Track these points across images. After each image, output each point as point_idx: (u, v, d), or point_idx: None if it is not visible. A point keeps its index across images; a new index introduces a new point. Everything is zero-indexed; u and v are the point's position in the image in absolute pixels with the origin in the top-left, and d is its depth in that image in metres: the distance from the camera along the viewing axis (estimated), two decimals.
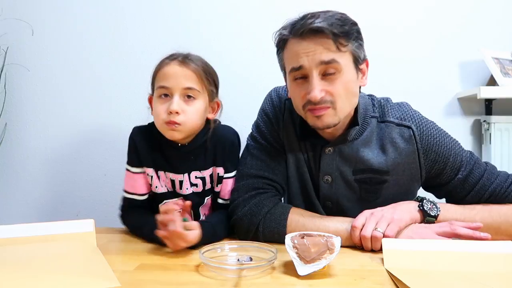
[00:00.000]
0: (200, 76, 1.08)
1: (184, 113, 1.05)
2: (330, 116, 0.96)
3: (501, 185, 1.01)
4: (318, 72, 0.94)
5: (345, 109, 0.98)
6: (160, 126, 1.08)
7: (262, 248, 0.88)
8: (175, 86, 1.05)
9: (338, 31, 0.92)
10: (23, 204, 1.69)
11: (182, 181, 1.12)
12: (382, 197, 1.05)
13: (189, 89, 1.06)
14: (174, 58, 1.09)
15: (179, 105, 1.04)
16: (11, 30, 1.66)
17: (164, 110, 1.05)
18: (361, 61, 0.98)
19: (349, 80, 0.96)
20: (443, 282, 0.73)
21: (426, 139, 1.02)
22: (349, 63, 0.96)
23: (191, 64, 1.08)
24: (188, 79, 1.06)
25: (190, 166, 1.12)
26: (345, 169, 1.05)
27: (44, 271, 0.78)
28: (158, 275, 0.79)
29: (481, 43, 1.58)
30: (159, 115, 1.06)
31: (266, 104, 1.13)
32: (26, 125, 1.68)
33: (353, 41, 0.95)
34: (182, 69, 1.07)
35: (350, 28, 0.94)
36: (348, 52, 0.95)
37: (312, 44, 0.93)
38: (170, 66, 1.07)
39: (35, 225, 0.96)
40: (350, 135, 1.03)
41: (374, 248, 0.91)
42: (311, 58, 0.93)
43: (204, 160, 1.13)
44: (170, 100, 1.05)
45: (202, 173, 1.13)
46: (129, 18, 1.65)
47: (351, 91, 0.97)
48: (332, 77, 0.94)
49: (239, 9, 1.63)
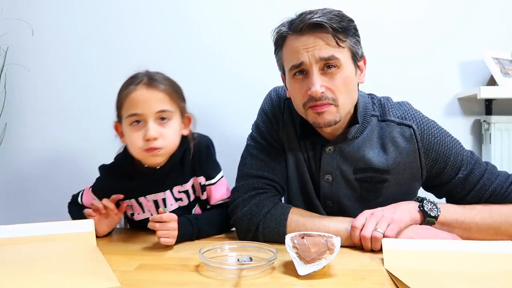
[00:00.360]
0: (170, 96, 1.04)
1: (162, 137, 1.02)
2: (332, 113, 0.96)
3: (502, 185, 1.01)
4: (318, 67, 0.94)
5: (346, 105, 0.98)
6: (139, 154, 1.04)
7: (262, 248, 0.88)
8: (147, 111, 1.00)
9: (337, 26, 0.93)
10: (23, 204, 1.69)
11: (165, 198, 1.11)
12: (383, 196, 1.05)
13: (162, 112, 1.02)
14: (139, 82, 1.03)
15: (155, 130, 1.00)
16: (11, 30, 1.66)
17: (140, 138, 1.01)
18: (359, 58, 1.00)
19: (348, 75, 0.96)
20: (443, 282, 0.73)
21: (427, 138, 1.02)
22: (348, 59, 0.97)
23: (159, 86, 1.03)
24: (159, 102, 1.02)
25: (171, 183, 1.11)
26: (346, 168, 1.05)
27: (44, 271, 0.78)
28: (158, 275, 0.79)
29: (481, 43, 1.57)
30: (135, 144, 1.02)
31: (265, 104, 1.13)
32: (26, 125, 1.68)
33: (351, 37, 0.96)
34: (151, 93, 1.02)
35: (348, 24, 0.96)
36: (347, 48, 0.96)
37: (312, 39, 0.94)
38: (138, 91, 1.02)
39: (35, 225, 0.96)
40: (351, 133, 1.03)
41: (374, 248, 0.91)
42: (311, 53, 0.94)
43: (183, 174, 1.11)
44: (144, 126, 1.01)
45: (184, 187, 1.12)
46: (129, 18, 1.65)
47: (351, 87, 0.98)
48: (332, 73, 0.95)
49: (238, 10, 1.63)
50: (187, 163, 1.11)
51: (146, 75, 1.05)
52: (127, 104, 1.03)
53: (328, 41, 0.93)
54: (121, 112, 1.05)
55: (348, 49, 0.97)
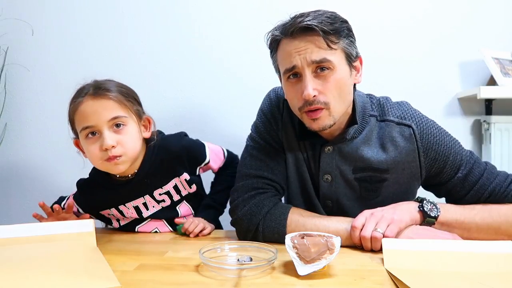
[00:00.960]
0: (120, 102, 1.02)
1: (121, 144, 1.00)
2: (325, 117, 0.97)
3: (501, 184, 1.01)
4: (311, 70, 0.95)
5: (339, 108, 0.98)
6: (101, 165, 1.02)
7: (262, 248, 0.88)
8: (99, 122, 0.98)
9: (328, 28, 0.93)
10: (23, 204, 1.69)
11: (145, 202, 1.12)
12: (382, 195, 1.05)
13: (115, 119, 1.00)
14: (86, 93, 1.01)
15: (111, 138, 0.99)
16: (11, 30, 1.66)
17: (98, 149, 0.99)
18: (353, 58, 0.99)
19: (342, 77, 0.96)
20: (443, 282, 0.73)
21: (426, 138, 1.02)
22: (341, 60, 0.96)
23: (106, 94, 1.00)
24: (109, 110, 1.00)
25: (149, 188, 1.11)
26: (345, 168, 1.05)
27: (44, 271, 0.78)
28: (158, 275, 0.79)
29: (481, 43, 1.58)
30: (95, 156, 1.00)
31: (264, 104, 1.13)
32: (26, 125, 1.68)
33: (344, 38, 0.96)
34: (99, 102, 0.99)
35: (340, 26, 0.95)
36: (340, 49, 0.96)
37: (304, 42, 0.94)
38: (85, 104, 1.00)
39: (35, 225, 0.96)
40: (349, 134, 1.03)
41: (374, 248, 0.91)
42: (303, 56, 0.94)
43: (162, 177, 1.11)
44: (100, 137, 0.99)
45: (164, 189, 1.12)
46: (129, 18, 1.65)
47: (345, 88, 0.97)
48: (325, 75, 0.95)
49: (238, 11, 1.63)
50: (168, 165, 1.11)
51: (92, 85, 1.03)
52: (77, 118, 1.01)
53: (320, 44, 0.93)
54: (74, 128, 1.04)
55: (341, 50, 0.96)
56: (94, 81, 1.05)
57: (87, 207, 1.15)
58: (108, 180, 1.11)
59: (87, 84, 1.05)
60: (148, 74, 1.65)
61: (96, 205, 1.14)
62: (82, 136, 1.02)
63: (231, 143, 1.33)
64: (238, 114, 1.63)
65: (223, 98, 1.65)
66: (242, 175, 1.08)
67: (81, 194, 1.15)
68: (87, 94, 1.01)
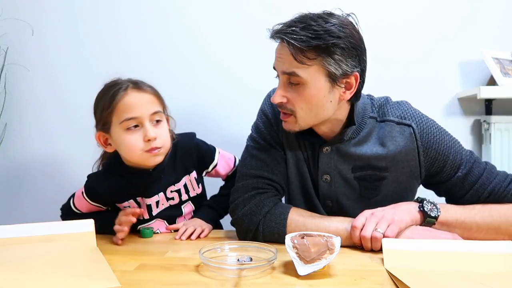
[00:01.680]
0: (158, 98, 1.07)
1: (160, 137, 1.03)
2: (291, 123, 1.00)
3: (500, 184, 1.01)
4: (284, 78, 0.96)
5: (307, 120, 0.99)
6: (139, 156, 1.03)
7: (262, 248, 0.88)
8: (144, 113, 1.02)
9: (302, 45, 0.90)
10: (23, 204, 1.69)
11: (159, 201, 1.13)
12: (382, 194, 1.05)
13: (156, 113, 1.04)
14: (127, 87, 1.04)
15: (153, 131, 1.02)
16: (11, 30, 1.66)
17: (140, 140, 1.02)
18: (338, 76, 0.94)
19: (315, 94, 0.95)
20: (443, 282, 0.73)
21: (427, 137, 1.02)
22: (317, 77, 0.93)
23: (147, 89, 1.06)
24: (151, 104, 1.04)
25: (163, 185, 1.12)
26: (344, 168, 1.05)
27: (44, 271, 0.78)
28: (158, 275, 0.79)
29: (481, 43, 1.58)
30: (135, 147, 1.02)
31: (265, 104, 1.13)
32: (26, 125, 1.68)
33: (325, 55, 0.91)
34: (143, 95, 1.04)
35: (324, 43, 0.90)
36: (317, 66, 0.92)
37: (283, 49, 0.95)
38: (130, 96, 1.02)
39: (35, 225, 0.96)
40: (347, 135, 1.03)
41: (374, 248, 0.91)
42: (279, 64, 0.97)
43: (175, 174, 1.13)
44: (141, 129, 1.02)
45: (177, 186, 1.14)
46: (129, 18, 1.65)
47: (317, 104, 0.96)
48: (295, 88, 0.96)
49: (238, 11, 1.63)
50: (179, 162, 1.13)
51: (128, 81, 1.06)
52: (120, 110, 1.02)
53: (291, 58, 0.92)
54: (110, 119, 1.04)
55: (319, 67, 0.92)
56: (127, 79, 1.07)
57: (102, 200, 1.15)
58: (128, 172, 1.10)
59: (119, 80, 1.07)
60: (148, 74, 1.62)
61: (112, 199, 1.14)
62: (121, 127, 1.02)
63: (231, 143, 1.33)
64: (238, 114, 1.62)
65: (223, 98, 1.64)
66: (243, 175, 1.08)
67: (96, 187, 1.13)
68: (129, 88, 1.03)
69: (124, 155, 1.07)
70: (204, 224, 1.13)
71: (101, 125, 1.07)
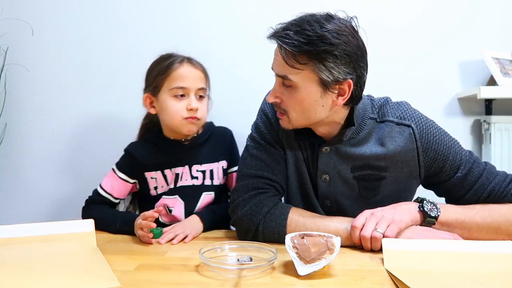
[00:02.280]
0: (206, 77, 1.19)
1: (200, 110, 1.15)
2: (285, 122, 1.02)
3: (500, 184, 1.01)
4: (279, 80, 0.98)
5: (299, 121, 1.01)
6: (179, 122, 1.14)
7: (262, 248, 0.88)
8: (192, 86, 1.14)
9: (294, 49, 0.89)
10: (23, 204, 1.69)
11: (183, 173, 1.19)
12: (381, 194, 1.05)
13: (202, 89, 1.16)
14: (182, 60, 1.16)
15: (196, 103, 1.14)
16: (11, 30, 1.66)
17: (182, 108, 1.13)
18: (330, 83, 0.93)
19: (306, 98, 0.95)
20: (443, 282, 0.73)
21: (426, 138, 1.02)
22: (308, 82, 0.93)
23: (199, 66, 1.18)
24: (200, 80, 1.16)
25: (192, 160, 1.19)
26: (343, 167, 1.05)
27: (44, 271, 0.78)
28: (158, 275, 0.79)
29: (481, 43, 1.57)
30: (177, 112, 1.13)
31: (264, 104, 1.13)
32: (26, 125, 1.68)
33: (316, 61, 0.91)
34: (195, 71, 1.16)
35: (315, 49, 0.89)
36: (308, 71, 0.92)
37: (277, 51, 0.96)
38: (184, 68, 1.15)
39: (35, 225, 0.96)
40: (346, 135, 1.03)
41: (374, 248, 0.91)
42: (275, 65, 0.98)
43: (205, 155, 1.20)
44: (186, 99, 1.14)
45: (203, 166, 1.19)
46: (129, 18, 1.65)
47: (308, 108, 0.97)
48: (288, 89, 0.97)
49: (239, 10, 1.63)
50: (212, 145, 1.21)
51: (184, 56, 1.18)
52: (173, 77, 1.14)
53: (283, 61, 0.93)
54: (161, 84, 1.14)
55: (311, 72, 0.92)
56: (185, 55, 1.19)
57: (134, 169, 1.20)
58: (164, 140, 1.20)
59: (174, 53, 1.18)
60: None
61: (144, 165, 1.19)
62: (169, 93, 1.14)
63: None
64: (237, 114, 1.62)
65: (223, 98, 1.64)
66: (243, 175, 1.08)
67: (131, 156, 1.21)
68: (184, 61, 1.16)
69: (166, 119, 1.17)
70: (191, 228, 1.08)
71: (151, 88, 1.17)
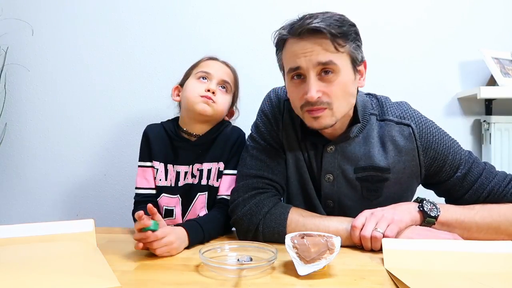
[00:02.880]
0: (234, 77, 1.25)
1: (218, 97, 1.18)
2: (328, 117, 0.97)
3: (499, 184, 1.01)
4: (315, 72, 0.94)
5: (342, 109, 0.98)
6: (194, 99, 1.16)
7: (262, 248, 0.88)
8: (215, 74, 1.19)
9: (336, 31, 0.92)
10: (23, 204, 1.69)
11: (187, 172, 1.18)
12: (384, 195, 1.05)
13: (225, 82, 1.20)
14: (215, 58, 1.25)
15: (215, 87, 1.18)
16: (11, 30, 1.66)
17: (202, 88, 1.17)
18: (359, 62, 0.99)
19: (347, 80, 0.96)
20: (443, 282, 0.73)
21: (426, 137, 1.02)
22: (346, 64, 0.96)
23: (230, 66, 1.26)
24: (226, 74, 1.22)
25: (196, 159, 1.18)
26: (347, 168, 1.05)
27: (44, 271, 0.78)
28: (158, 275, 0.79)
29: (481, 43, 1.58)
30: (195, 90, 1.17)
31: (265, 104, 1.13)
32: (26, 125, 1.68)
33: (351, 42, 0.95)
34: (223, 66, 1.24)
35: (348, 29, 0.94)
36: (346, 53, 0.95)
37: (310, 44, 0.93)
38: (213, 61, 1.24)
39: (35, 225, 0.96)
40: (352, 132, 1.03)
41: (374, 248, 0.91)
42: (309, 58, 0.93)
43: (208, 154, 1.18)
44: (208, 82, 1.19)
45: (203, 166, 1.18)
46: (129, 18, 1.65)
47: (348, 92, 0.97)
48: (329, 78, 0.94)
49: (239, 9, 1.63)
50: (218, 146, 1.19)
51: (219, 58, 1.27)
52: (200, 65, 1.23)
53: (327, 47, 0.93)
54: (190, 72, 1.24)
55: (347, 54, 0.96)
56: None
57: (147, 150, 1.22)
58: (174, 132, 1.22)
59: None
60: (149, 74, 1.65)
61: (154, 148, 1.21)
62: (195, 77, 1.21)
63: None
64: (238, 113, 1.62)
65: None
66: (243, 175, 1.08)
67: (149, 131, 1.24)
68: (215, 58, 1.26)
69: (184, 100, 1.20)
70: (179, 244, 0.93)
71: (183, 80, 1.25)
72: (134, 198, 1.21)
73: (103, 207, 1.65)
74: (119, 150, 1.65)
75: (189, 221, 1.04)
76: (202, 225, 1.01)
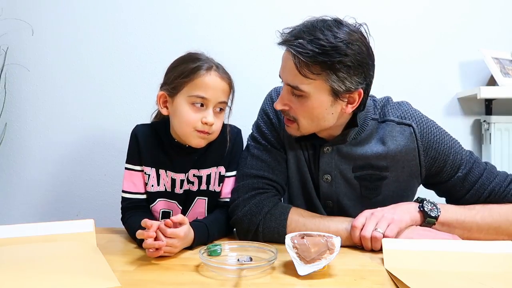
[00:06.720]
0: (231, 90, 1.10)
1: (215, 125, 1.06)
2: (294, 129, 1.01)
3: (500, 184, 1.01)
4: (288, 88, 0.96)
5: (308, 128, 1.00)
6: (189, 132, 1.05)
7: (262, 248, 0.88)
8: (213, 99, 1.04)
9: (306, 59, 0.89)
10: (23, 204, 1.69)
11: (184, 180, 1.12)
12: (383, 194, 1.05)
13: (222, 103, 1.07)
14: (211, 67, 1.06)
15: (213, 117, 1.05)
16: (11, 30, 1.66)
17: (197, 119, 1.04)
18: (341, 92, 0.93)
19: (316, 107, 0.95)
20: (443, 282, 0.73)
21: (427, 137, 1.02)
22: (319, 91, 0.93)
23: (226, 77, 1.08)
24: (223, 93, 1.07)
25: (192, 165, 1.12)
26: (345, 167, 1.05)
27: (44, 271, 0.78)
28: (158, 275, 0.79)
29: (481, 43, 1.58)
30: (191, 123, 1.04)
31: (266, 104, 1.13)
32: (26, 125, 1.68)
33: (329, 71, 0.90)
34: (221, 82, 1.06)
35: (330, 60, 0.89)
36: (320, 81, 0.92)
37: (288, 57, 0.94)
38: (211, 77, 1.05)
39: (35, 225, 0.96)
40: (349, 136, 1.03)
41: (374, 248, 0.91)
42: (284, 73, 0.97)
43: (205, 160, 1.12)
44: (204, 110, 1.04)
45: (200, 172, 1.12)
46: (129, 18, 1.65)
47: (317, 116, 0.97)
48: (298, 98, 0.96)
49: (239, 9, 1.63)
50: (214, 150, 1.12)
51: (213, 63, 1.08)
52: (196, 84, 1.04)
53: (294, 71, 0.92)
54: (182, 87, 1.05)
55: (323, 82, 0.92)
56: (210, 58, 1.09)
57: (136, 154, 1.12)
58: (169, 140, 1.12)
59: (203, 56, 1.09)
60: (149, 74, 1.65)
61: (144, 154, 1.12)
62: (188, 100, 1.04)
63: None
64: (238, 113, 1.62)
65: None
66: (243, 175, 1.08)
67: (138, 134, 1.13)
68: (212, 69, 1.06)
69: (176, 124, 1.08)
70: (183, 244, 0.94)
71: (170, 88, 1.08)
72: (122, 204, 1.13)
73: (103, 207, 1.64)
74: (119, 150, 1.64)
75: (196, 222, 1.02)
76: (209, 228, 1.01)
